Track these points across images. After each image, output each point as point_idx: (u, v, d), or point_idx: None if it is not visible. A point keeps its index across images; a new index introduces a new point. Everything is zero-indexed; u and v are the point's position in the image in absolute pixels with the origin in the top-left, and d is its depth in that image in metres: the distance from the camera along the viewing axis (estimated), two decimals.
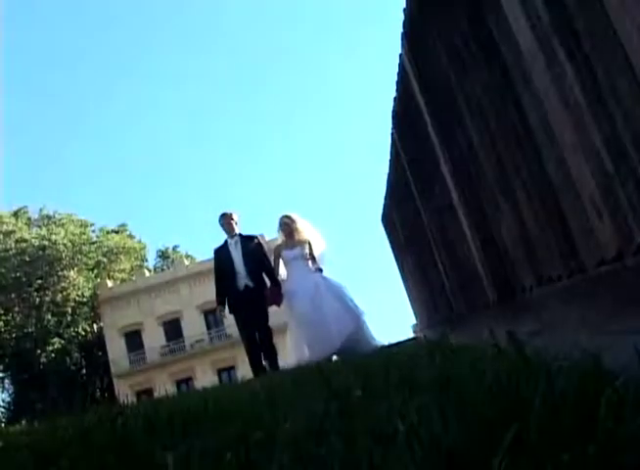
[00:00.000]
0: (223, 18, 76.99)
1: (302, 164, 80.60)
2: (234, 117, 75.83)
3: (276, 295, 7.08)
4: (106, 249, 42.23)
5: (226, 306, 7.27)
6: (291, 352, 6.97)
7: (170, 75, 71.87)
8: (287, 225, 7.30)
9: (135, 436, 1.53)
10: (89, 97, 69.03)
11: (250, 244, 7.37)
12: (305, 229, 7.40)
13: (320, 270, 7.23)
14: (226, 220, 7.45)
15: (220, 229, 7.59)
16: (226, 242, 7.47)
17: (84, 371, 43.04)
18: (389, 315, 55.23)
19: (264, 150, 76.38)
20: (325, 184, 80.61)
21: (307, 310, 6.80)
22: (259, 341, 7.05)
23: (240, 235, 7.45)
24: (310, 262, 7.25)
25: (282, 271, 7.30)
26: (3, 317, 38.73)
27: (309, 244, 7.30)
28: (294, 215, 7.44)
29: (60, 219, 42.68)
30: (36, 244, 38.88)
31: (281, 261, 7.32)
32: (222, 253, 7.41)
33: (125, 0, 72.06)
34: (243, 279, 7.17)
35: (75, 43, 69.82)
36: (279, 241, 7.51)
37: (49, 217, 43.24)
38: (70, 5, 70.59)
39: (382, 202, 9.49)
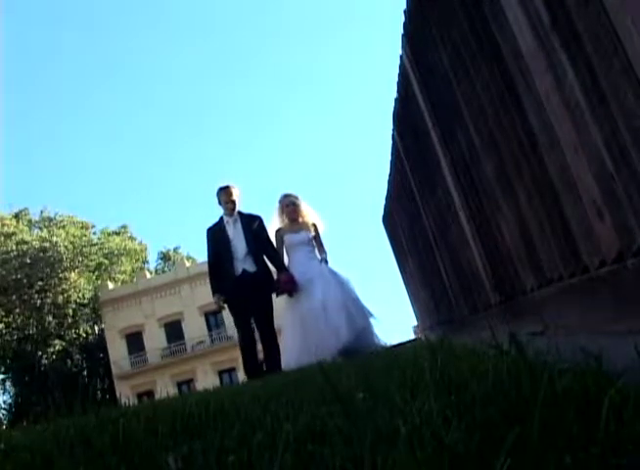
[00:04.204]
0: (216, 7, 77.12)
1: (303, 166, 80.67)
2: (234, 117, 75.90)
3: (290, 281, 6.07)
4: (107, 250, 42.26)
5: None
6: (285, 352, 6.11)
7: (166, 72, 71.98)
8: (295, 206, 6.50)
9: (137, 437, 1.53)
10: (90, 97, 69.13)
11: (252, 223, 6.25)
12: (309, 211, 6.69)
13: (326, 262, 6.47)
14: (227, 196, 6.26)
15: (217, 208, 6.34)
16: (221, 220, 6.31)
17: (85, 373, 43.06)
18: (390, 316, 55.18)
19: (265, 150, 76.47)
20: (325, 185, 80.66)
21: (314, 303, 6.01)
22: (259, 336, 6.01)
23: (240, 213, 6.30)
24: (316, 250, 6.51)
25: (285, 259, 6.43)
26: (4, 319, 38.75)
27: (315, 227, 6.58)
28: (297, 195, 6.69)
29: (60, 221, 42.74)
30: (37, 246, 38.92)
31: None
32: (218, 232, 6.23)
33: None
34: (241, 263, 6.08)
35: (71, 41, 69.92)
36: (278, 224, 6.58)
37: (50, 219, 43.30)
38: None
39: (382, 202, 9.49)
